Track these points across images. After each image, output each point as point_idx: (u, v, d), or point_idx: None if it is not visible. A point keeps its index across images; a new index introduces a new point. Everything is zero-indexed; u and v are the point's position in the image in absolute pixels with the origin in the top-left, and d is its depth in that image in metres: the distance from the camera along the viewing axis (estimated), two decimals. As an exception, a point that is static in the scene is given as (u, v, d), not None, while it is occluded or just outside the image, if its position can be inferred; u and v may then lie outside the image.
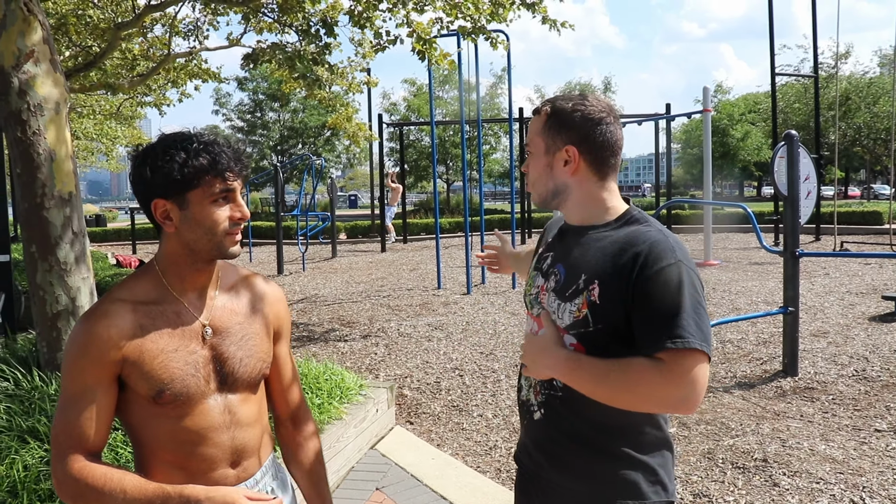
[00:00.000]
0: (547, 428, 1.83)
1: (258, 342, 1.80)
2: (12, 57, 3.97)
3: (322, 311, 10.74)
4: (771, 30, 17.27)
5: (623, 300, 1.65)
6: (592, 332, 1.69)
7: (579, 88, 41.76)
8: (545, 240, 2.03)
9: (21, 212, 4.18)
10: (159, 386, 1.63)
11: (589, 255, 1.75)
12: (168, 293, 1.71)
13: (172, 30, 10.14)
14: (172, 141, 1.63)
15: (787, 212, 6.44)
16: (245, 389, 1.78)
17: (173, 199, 1.63)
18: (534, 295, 1.89)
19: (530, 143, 1.87)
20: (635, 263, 1.64)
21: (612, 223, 1.80)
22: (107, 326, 1.62)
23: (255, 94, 40.32)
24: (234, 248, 1.70)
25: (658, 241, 1.67)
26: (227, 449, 1.73)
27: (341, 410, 4.70)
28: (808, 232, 18.73)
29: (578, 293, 1.71)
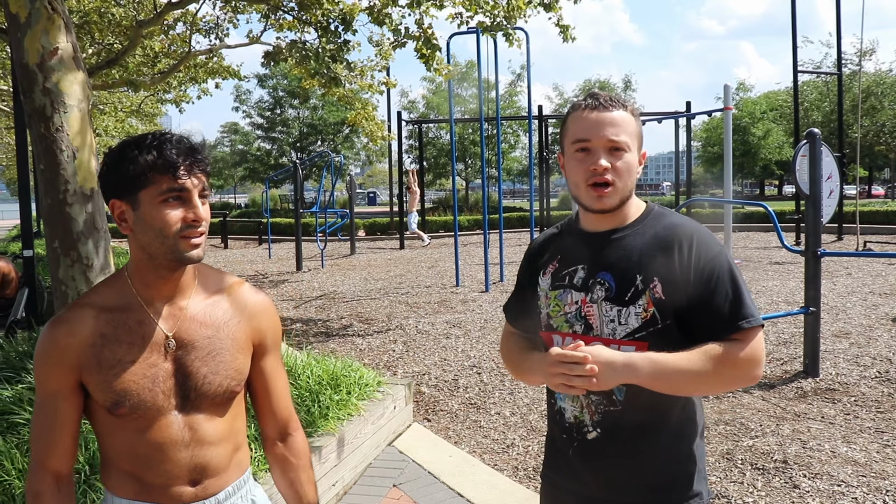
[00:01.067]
0: (605, 446, 1.79)
1: (228, 358, 1.69)
2: (36, 55, 4.02)
3: (340, 307, 10.77)
4: (794, 27, 17.11)
5: (686, 292, 1.69)
6: (661, 329, 1.70)
7: (599, 86, 41.57)
8: (546, 259, 1.94)
9: (44, 208, 4.22)
10: (114, 397, 1.58)
11: (635, 255, 1.74)
12: (134, 300, 1.64)
13: (193, 27, 10.20)
14: (132, 140, 1.58)
15: (808, 211, 6.38)
16: (210, 407, 1.68)
17: (126, 199, 1.57)
18: (573, 312, 1.80)
19: (623, 138, 1.75)
20: (690, 255, 1.70)
21: (639, 220, 1.81)
22: (66, 333, 1.59)
23: (275, 91, 40.47)
24: (193, 251, 1.59)
25: (699, 232, 1.74)
26: (185, 466, 1.65)
27: (359, 407, 4.71)
28: (831, 231, 18.55)
29: (640, 294, 1.71)
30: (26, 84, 4.07)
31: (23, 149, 7.24)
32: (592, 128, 1.75)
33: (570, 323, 1.81)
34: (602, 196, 1.75)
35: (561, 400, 1.86)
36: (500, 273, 12.89)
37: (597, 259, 1.80)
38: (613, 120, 1.75)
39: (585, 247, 1.84)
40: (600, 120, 1.75)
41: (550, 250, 1.95)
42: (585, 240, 1.85)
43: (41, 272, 8.30)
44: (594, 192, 1.76)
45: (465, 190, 39.11)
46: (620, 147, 1.74)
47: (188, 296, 1.69)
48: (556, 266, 1.89)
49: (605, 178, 1.74)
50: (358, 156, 43.39)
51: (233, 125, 44.50)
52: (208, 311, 1.70)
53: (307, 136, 40.97)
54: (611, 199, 1.75)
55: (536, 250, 2.01)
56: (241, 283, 1.82)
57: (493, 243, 14.67)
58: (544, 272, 1.92)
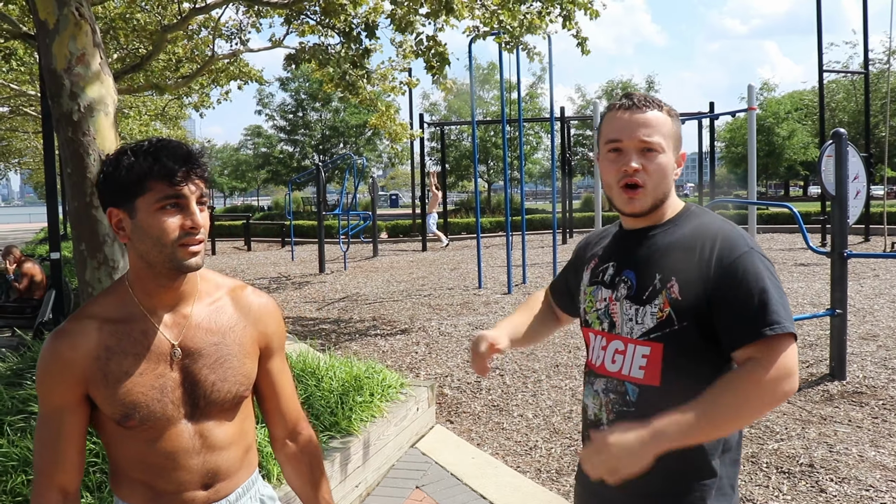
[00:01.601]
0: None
1: (236, 364, 1.68)
2: (64, 60, 4.07)
3: (363, 309, 10.80)
4: (819, 26, 16.93)
5: (704, 294, 1.63)
6: (678, 331, 1.66)
7: (621, 87, 41.36)
8: (592, 254, 1.96)
9: (71, 210, 4.28)
10: (123, 410, 1.55)
11: (658, 254, 1.73)
12: (137, 310, 1.62)
13: (216, 32, 10.29)
14: (128, 147, 1.56)
15: (834, 212, 6.31)
16: (219, 414, 1.67)
17: (123, 207, 1.54)
18: (602, 309, 1.82)
19: (657, 139, 1.71)
20: (711, 255, 1.64)
21: (673, 220, 1.78)
22: (70, 346, 1.55)
23: (297, 94, 40.68)
24: (192, 259, 1.56)
25: (728, 231, 1.68)
26: (198, 472, 1.64)
27: (382, 409, 4.73)
28: (857, 232, 18.33)
29: (656, 294, 1.69)
30: (54, 89, 4.12)
31: (50, 153, 7.34)
32: (625, 128, 1.73)
33: (600, 320, 1.82)
34: (633, 198, 1.73)
35: (586, 397, 1.86)
36: (522, 275, 12.87)
37: (625, 256, 1.80)
38: (647, 121, 1.72)
39: (619, 245, 1.85)
40: (633, 120, 1.72)
41: (595, 246, 1.96)
42: (621, 238, 1.86)
43: (68, 274, 8.41)
44: (625, 194, 1.74)
45: (488, 192, 39.08)
46: (653, 148, 1.71)
47: (191, 303, 1.67)
48: (595, 262, 1.90)
49: (636, 180, 1.71)
50: (380, 158, 43.49)
51: (256, 128, 44.77)
52: (213, 318, 1.69)
53: (329, 138, 41.13)
54: (641, 201, 1.73)
55: (584, 245, 2.04)
56: (244, 286, 1.80)
57: (515, 245, 14.64)
58: (587, 267, 1.93)
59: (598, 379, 1.81)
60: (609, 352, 1.78)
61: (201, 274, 1.71)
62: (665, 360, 1.68)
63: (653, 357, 1.69)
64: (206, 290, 1.71)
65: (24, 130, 22.90)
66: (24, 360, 4.69)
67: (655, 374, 1.69)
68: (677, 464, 1.67)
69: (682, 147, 1.80)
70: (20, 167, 34.58)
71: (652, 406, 1.66)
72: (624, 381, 1.74)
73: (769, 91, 46.86)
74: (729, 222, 1.73)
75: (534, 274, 13.75)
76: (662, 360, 1.68)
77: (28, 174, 41.24)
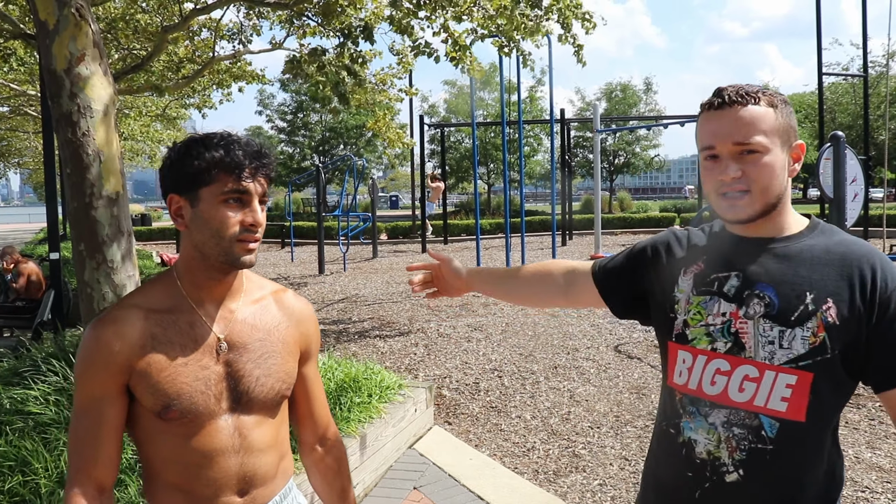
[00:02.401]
0: (748, 490, 1.50)
1: (279, 361, 1.68)
2: (64, 60, 4.08)
3: (362, 310, 10.81)
4: (818, 28, 16.94)
5: (862, 322, 1.44)
6: (830, 360, 1.44)
7: (620, 89, 41.37)
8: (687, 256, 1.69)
9: (70, 211, 4.28)
10: (165, 401, 1.53)
11: (803, 269, 1.49)
12: (184, 301, 1.61)
13: (217, 34, 10.31)
14: (198, 137, 1.56)
15: (832, 214, 6.33)
16: (260, 411, 1.65)
17: (186, 194, 1.55)
18: (720, 326, 1.54)
19: (757, 138, 1.49)
20: (874, 278, 1.44)
21: (804, 232, 1.56)
22: (115, 333, 1.53)
23: (298, 95, 40.71)
24: (246, 256, 1.56)
25: (882, 255, 1.49)
26: (234, 475, 1.61)
27: (380, 409, 4.73)
28: (857, 235, 18.34)
29: (809, 315, 1.45)
30: (54, 89, 4.13)
31: (50, 153, 7.35)
32: (717, 132, 1.51)
33: (713, 338, 1.55)
34: (734, 205, 1.52)
35: (691, 430, 1.56)
36: (521, 277, 12.86)
37: (755, 268, 1.54)
38: (741, 119, 1.49)
39: (739, 252, 1.58)
40: (726, 121, 1.51)
41: (691, 247, 1.69)
42: (738, 244, 1.59)
43: (67, 275, 8.42)
44: (724, 203, 1.53)
45: (488, 194, 39.09)
46: (753, 149, 1.49)
47: (238, 299, 1.67)
48: (700, 267, 1.63)
49: (739, 188, 1.51)
50: (380, 159, 43.51)
51: (256, 129, 44.80)
52: (258, 315, 1.69)
53: (329, 139, 41.16)
54: (747, 209, 1.52)
55: (685, 238, 1.73)
56: (286, 290, 1.81)
57: (514, 247, 14.65)
58: (685, 270, 1.65)
59: (716, 410, 1.53)
60: (736, 378, 1.51)
61: (246, 273, 1.71)
62: (813, 391, 1.45)
63: (799, 388, 1.45)
64: (250, 289, 1.72)
65: (24, 130, 22.89)
66: (22, 361, 4.69)
67: (801, 408, 1.46)
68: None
69: (796, 138, 1.56)
70: (20, 167, 34.57)
71: (793, 444, 1.48)
72: (758, 413, 1.48)
73: (769, 94, 46.79)
74: (869, 244, 1.54)
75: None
76: (811, 391, 1.45)
77: (28, 174, 41.23)
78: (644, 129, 35.57)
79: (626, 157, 41.08)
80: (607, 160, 40.44)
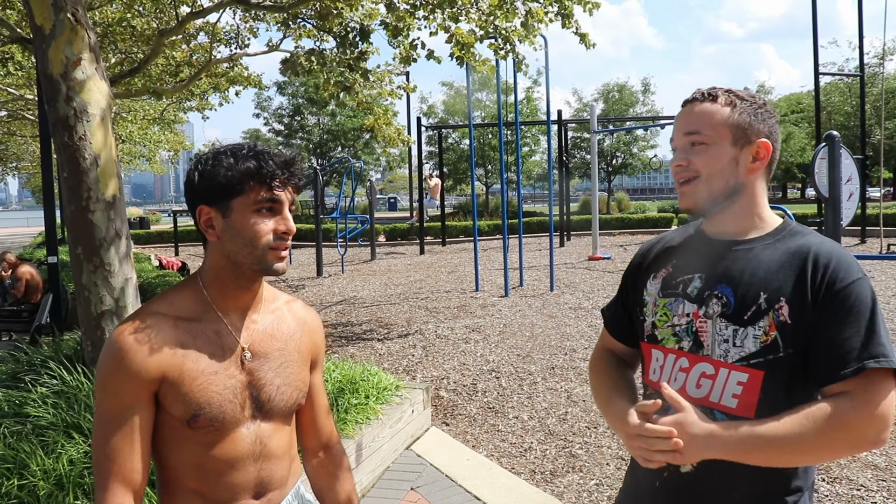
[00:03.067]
0: (700, 483, 1.58)
1: (296, 370, 1.72)
2: (60, 65, 4.10)
3: (360, 312, 10.83)
4: (814, 29, 17.01)
5: (812, 318, 1.48)
6: (782, 359, 1.49)
7: (617, 89, 41.41)
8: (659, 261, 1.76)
9: (67, 215, 4.31)
10: (195, 409, 1.55)
11: (761, 270, 1.54)
12: (210, 310, 1.63)
13: (214, 37, 10.33)
14: (227, 148, 1.58)
15: (827, 213, 6.36)
16: (279, 419, 1.69)
17: (217, 205, 1.56)
18: (683, 326, 1.61)
19: (703, 131, 1.59)
20: (824, 277, 1.48)
21: (771, 234, 1.61)
22: (147, 341, 1.53)
23: (295, 98, 40.73)
24: (279, 264, 1.60)
25: (840, 254, 1.51)
26: (253, 480, 1.65)
27: (377, 411, 4.75)
28: (853, 234, 18.39)
29: (762, 314, 1.51)
30: (50, 94, 4.15)
31: (47, 157, 7.37)
32: (675, 125, 1.65)
33: (679, 337, 1.62)
34: (682, 192, 1.63)
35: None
36: (519, 278, 12.90)
37: (716, 269, 1.60)
38: (693, 113, 1.62)
39: (704, 254, 1.65)
40: (681, 117, 1.64)
41: (664, 252, 1.76)
42: (705, 245, 1.67)
43: (65, 279, 8.43)
44: (679, 191, 1.65)
45: (486, 195, 39.11)
46: (699, 140, 1.59)
47: (259, 309, 1.71)
48: (669, 271, 1.70)
49: (684, 175, 1.62)
50: (378, 162, 43.52)
51: (254, 132, 44.79)
52: (276, 325, 1.72)
53: (327, 142, 41.18)
54: (693, 196, 1.61)
55: (649, 249, 1.82)
56: (296, 300, 1.85)
57: (512, 248, 14.69)
58: (655, 275, 1.73)
59: None
60: (693, 375, 1.58)
61: (263, 283, 1.73)
62: (763, 389, 1.50)
63: (750, 385, 1.51)
64: (268, 298, 1.76)
65: (21, 134, 22.93)
66: (20, 364, 4.71)
67: (751, 405, 1.51)
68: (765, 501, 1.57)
69: (757, 137, 1.61)
70: (18, 171, 34.58)
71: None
72: (713, 409, 1.54)
73: (766, 94, 46.94)
74: (838, 245, 1.56)
75: (531, 277, 13.77)
76: (761, 389, 1.50)
77: (26, 178, 41.23)
78: (641, 129, 35.62)
79: (624, 158, 41.11)
80: (605, 161, 40.47)
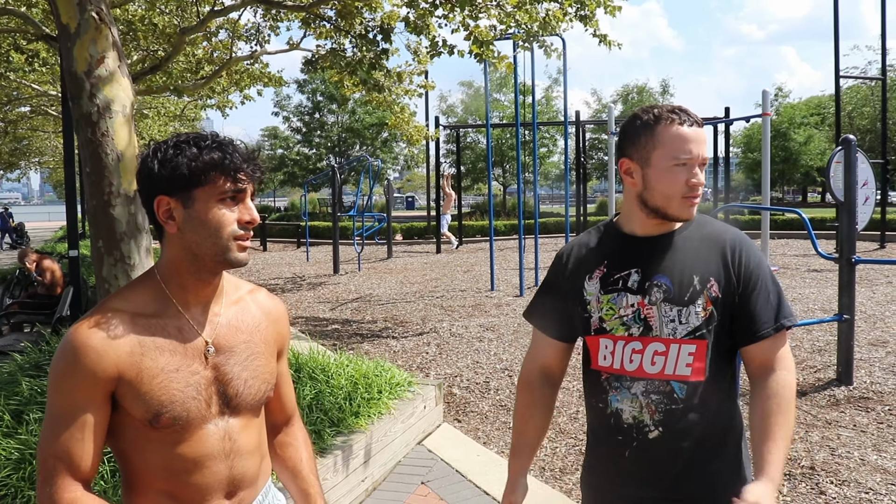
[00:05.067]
0: (667, 444, 1.84)
1: (263, 362, 1.67)
2: (85, 63, 4.19)
3: (376, 310, 10.91)
4: (836, 31, 16.90)
5: (735, 291, 1.82)
6: (719, 325, 1.82)
7: (637, 91, 41.29)
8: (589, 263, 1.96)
9: (89, 209, 4.40)
10: (157, 409, 1.49)
11: (689, 258, 1.85)
12: (170, 305, 1.57)
13: (235, 34, 10.44)
14: (186, 138, 1.54)
15: (842, 217, 6.34)
16: (248, 413, 1.64)
17: (178, 195, 1.51)
18: (630, 315, 1.86)
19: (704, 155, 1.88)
20: (740, 258, 1.83)
21: (686, 226, 1.91)
22: (102, 340, 1.47)
23: (314, 96, 40.87)
24: (242, 254, 1.56)
25: (744, 237, 1.90)
26: (224, 479, 1.60)
27: (390, 406, 4.82)
28: (872, 239, 18.28)
29: (698, 294, 1.82)
30: (74, 91, 4.25)
31: (70, 153, 7.49)
32: (693, 144, 1.83)
33: (627, 325, 1.87)
34: (693, 206, 1.87)
35: (617, 402, 1.88)
36: (535, 278, 12.93)
37: (651, 263, 1.87)
38: (702, 137, 1.87)
39: (637, 251, 1.90)
40: (698, 137, 1.84)
41: (592, 255, 1.97)
42: (636, 244, 1.92)
43: (84, 272, 8.57)
44: (687, 203, 1.85)
45: (503, 195, 39.11)
46: (705, 162, 1.88)
47: (221, 301, 1.65)
48: (603, 270, 1.92)
49: (700, 193, 1.86)
50: (396, 160, 43.62)
51: (273, 129, 44.99)
52: (240, 317, 1.67)
53: (346, 140, 41.31)
54: (696, 209, 1.90)
55: (574, 255, 2.02)
56: (260, 289, 1.80)
57: (528, 248, 14.72)
58: (590, 277, 1.94)
59: (635, 382, 1.85)
60: (647, 355, 1.84)
61: (224, 274, 1.68)
62: (709, 354, 1.82)
63: (699, 353, 1.81)
64: (229, 290, 1.70)
65: (44, 130, 23.21)
66: (42, 354, 4.81)
67: (702, 370, 1.82)
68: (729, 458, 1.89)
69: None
70: (40, 166, 34.98)
71: (699, 398, 1.83)
72: (669, 380, 1.82)
73: (784, 97, 46.59)
74: (740, 230, 1.93)
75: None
76: (706, 355, 1.81)
77: (48, 173, 41.69)
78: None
79: (642, 160, 40.90)
80: (623, 162, 40.27)
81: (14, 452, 3.52)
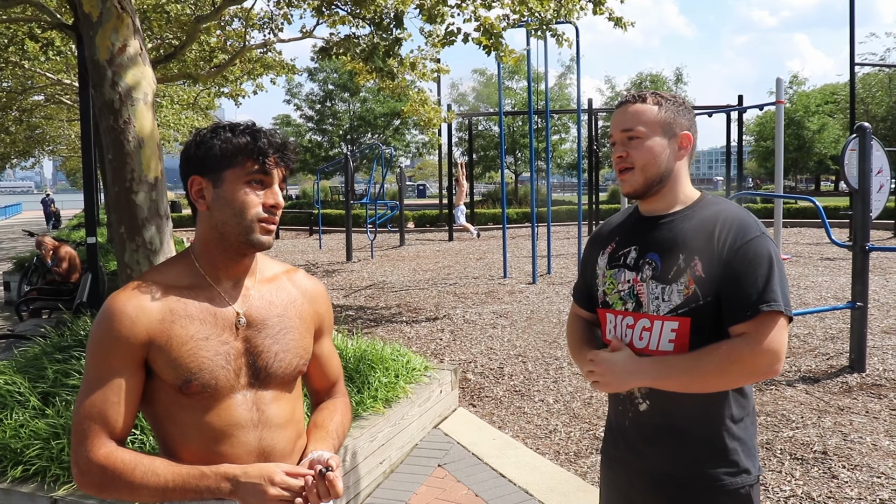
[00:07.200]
0: (654, 416, 1.90)
1: (296, 337, 1.72)
2: (106, 51, 4.26)
3: (389, 297, 10.98)
4: (851, 17, 16.78)
5: (721, 271, 1.80)
6: (703, 306, 1.80)
7: (650, 79, 41.10)
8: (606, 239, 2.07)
9: (111, 195, 4.47)
10: (186, 375, 1.56)
11: (680, 236, 1.87)
12: (202, 279, 1.65)
13: (248, 23, 10.48)
14: (225, 123, 1.62)
15: (856, 205, 6.35)
16: (278, 386, 1.69)
17: (209, 175, 1.60)
18: (626, 290, 1.93)
19: (637, 127, 1.90)
20: (727, 237, 1.80)
21: (690, 206, 1.93)
22: (135, 307, 1.55)
23: (325, 85, 40.87)
24: (265, 237, 1.62)
25: (743, 217, 1.84)
26: (254, 449, 1.63)
27: (407, 390, 4.88)
28: (886, 228, 18.21)
29: (682, 272, 1.83)
30: (96, 79, 4.31)
31: (87, 140, 7.55)
32: (614, 122, 1.95)
33: (623, 300, 1.94)
34: (622, 180, 1.95)
35: None
36: (547, 265, 12.97)
37: (647, 241, 1.93)
38: (628, 113, 1.92)
39: (639, 230, 1.98)
40: (618, 116, 1.94)
41: (612, 232, 2.08)
42: (640, 223, 1.99)
43: (102, 259, 8.66)
44: (619, 179, 1.95)
45: (515, 183, 39.06)
46: (635, 135, 1.90)
47: (254, 278, 1.71)
48: (613, 247, 2.02)
49: (623, 165, 1.92)
50: (408, 148, 43.62)
51: (285, 118, 45.03)
52: (274, 293, 1.72)
53: (357, 128, 41.33)
54: (630, 182, 1.93)
55: (599, 232, 2.15)
56: (298, 269, 1.86)
57: (541, 236, 14.75)
58: (603, 252, 2.04)
59: None
60: (636, 330, 1.90)
61: (259, 256, 1.75)
62: (692, 332, 1.82)
63: (681, 331, 1.83)
64: (264, 269, 1.76)
65: (58, 118, 23.33)
66: (64, 338, 4.90)
67: (684, 347, 1.83)
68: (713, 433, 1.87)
69: (680, 129, 1.93)
70: (54, 154, 35.17)
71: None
72: (653, 355, 1.86)
73: (799, 85, 46.26)
74: (745, 210, 1.88)
75: (558, 265, 13.84)
76: (690, 332, 1.82)
77: (61, 161, 41.90)
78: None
79: (655, 148, 40.76)
80: (635, 150, 40.15)
81: (42, 433, 3.60)
